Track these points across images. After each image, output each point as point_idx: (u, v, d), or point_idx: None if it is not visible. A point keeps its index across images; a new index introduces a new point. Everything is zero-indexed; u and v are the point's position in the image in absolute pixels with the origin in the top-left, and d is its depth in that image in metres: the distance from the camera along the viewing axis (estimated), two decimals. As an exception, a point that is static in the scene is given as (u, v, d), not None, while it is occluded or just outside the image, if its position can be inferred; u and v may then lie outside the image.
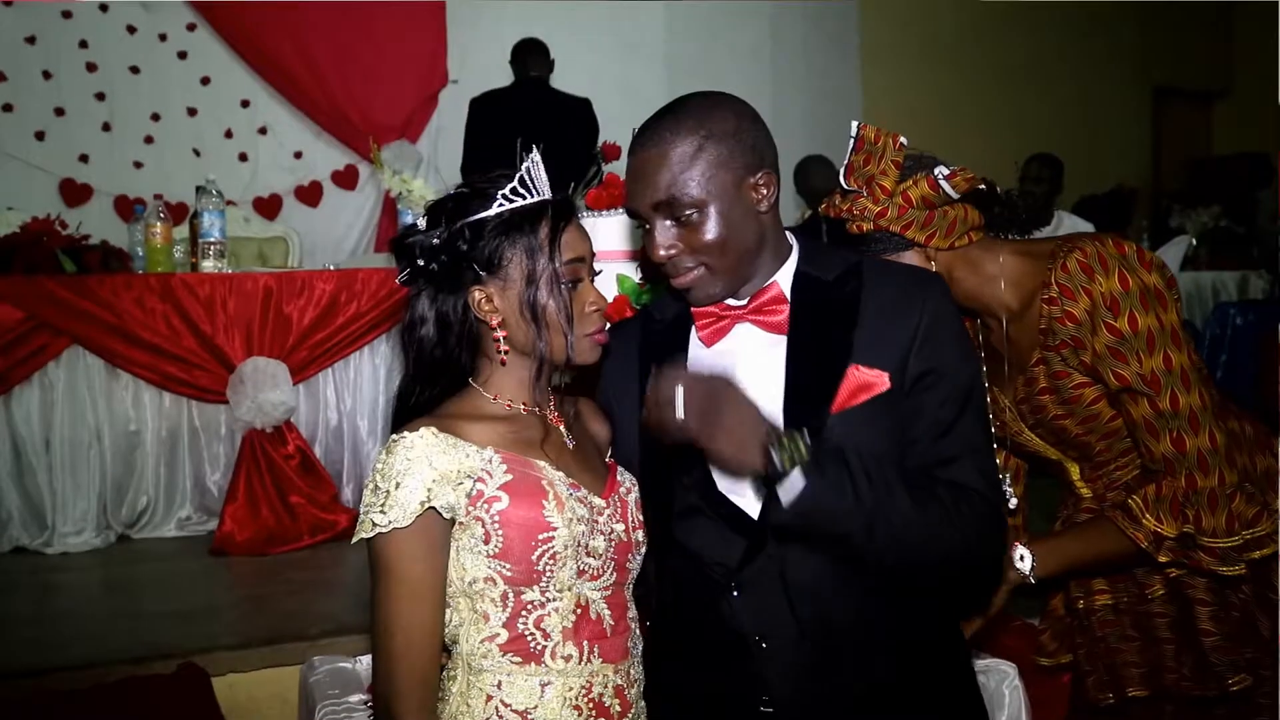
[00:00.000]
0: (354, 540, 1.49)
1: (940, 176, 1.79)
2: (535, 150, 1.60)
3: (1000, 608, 1.89)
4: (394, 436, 1.50)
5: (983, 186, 1.89)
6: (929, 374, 1.49)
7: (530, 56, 6.29)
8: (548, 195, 1.59)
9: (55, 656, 2.99)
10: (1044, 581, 1.88)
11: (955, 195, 1.81)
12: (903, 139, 1.82)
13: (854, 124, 1.83)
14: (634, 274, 2.48)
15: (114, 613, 3.46)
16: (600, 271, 1.65)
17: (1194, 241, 7.89)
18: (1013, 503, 2.08)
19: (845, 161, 1.84)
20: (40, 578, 3.90)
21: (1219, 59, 11.58)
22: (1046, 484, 2.22)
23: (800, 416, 1.49)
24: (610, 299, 2.52)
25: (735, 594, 1.53)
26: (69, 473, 4.23)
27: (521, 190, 1.56)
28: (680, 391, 1.38)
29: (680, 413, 1.37)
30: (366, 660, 2.81)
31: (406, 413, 1.59)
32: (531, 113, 5.77)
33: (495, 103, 6.09)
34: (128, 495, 4.36)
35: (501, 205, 1.55)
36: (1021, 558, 1.84)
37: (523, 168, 1.57)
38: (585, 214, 2.54)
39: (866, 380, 1.50)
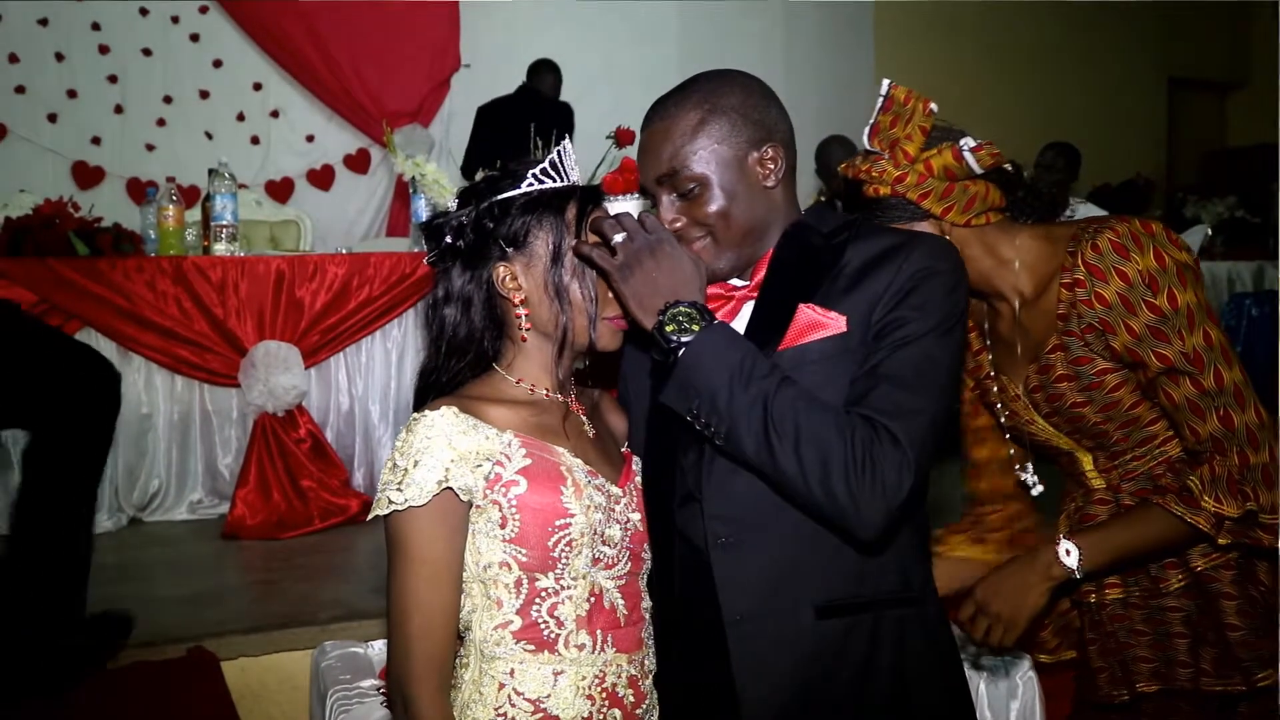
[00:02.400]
0: (370, 517, 1.49)
1: (966, 148, 1.76)
2: (567, 139, 1.62)
3: (1041, 605, 1.86)
4: (415, 415, 1.50)
5: (1009, 167, 1.86)
6: (887, 326, 1.45)
7: (535, 74, 6.92)
8: (577, 181, 1.59)
9: (66, 639, 2.99)
10: (1090, 575, 1.85)
11: (978, 170, 1.77)
12: (933, 105, 1.78)
13: (885, 82, 1.80)
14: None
15: (125, 596, 3.46)
16: None
17: (1209, 232, 7.85)
18: (1037, 489, 2.04)
19: (871, 121, 1.80)
20: (51, 560, 3.89)
21: (1235, 50, 11.53)
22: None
23: None
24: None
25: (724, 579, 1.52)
26: (81, 455, 4.22)
27: (551, 172, 1.57)
28: (623, 226, 1.48)
29: (615, 242, 1.48)
30: (378, 645, 2.82)
31: (428, 391, 1.60)
32: (520, 117, 6.27)
33: (493, 110, 6.65)
34: (139, 478, 4.37)
35: (531, 184, 1.56)
36: (1068, 552, 1.79)
37: (554, 151, 1.58)
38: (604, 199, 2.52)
39: (816, 320, 1.49)
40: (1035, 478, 2.04)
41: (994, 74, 9.92)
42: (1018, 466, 2.05)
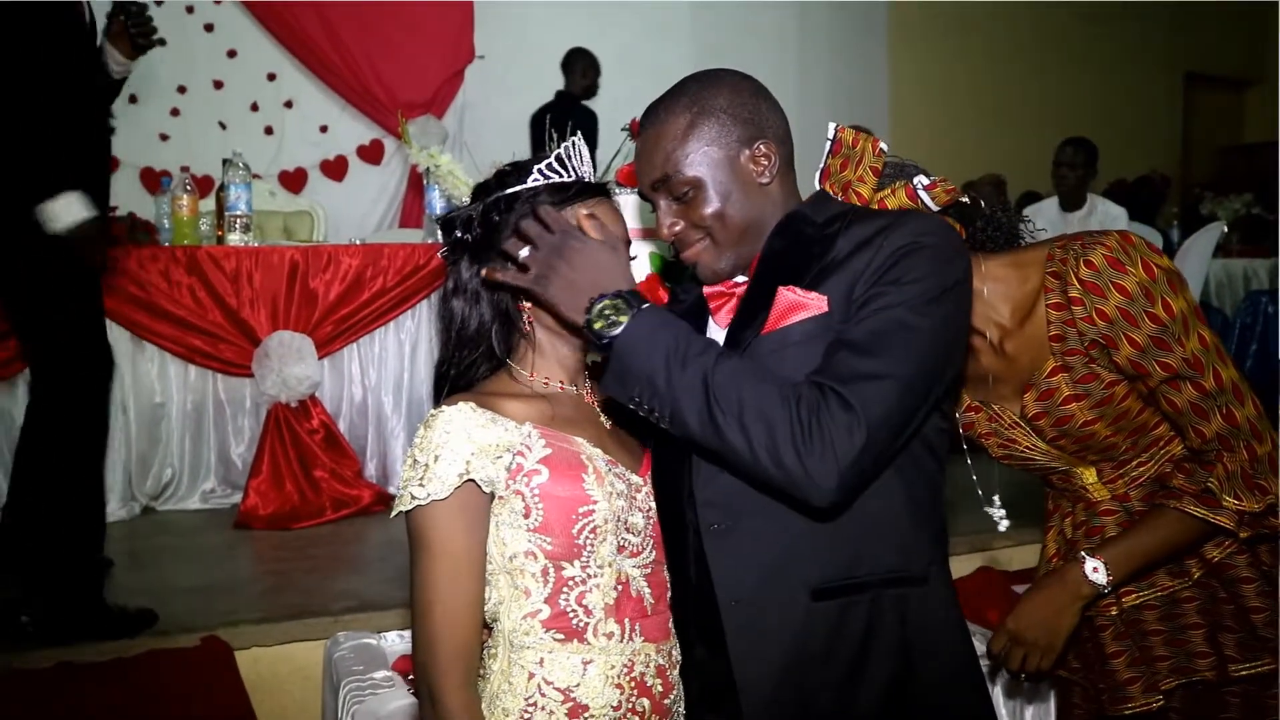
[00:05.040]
0: (393, 514, 1.49)
1: (919, 186, 1.74)
2: (579, 134, 1.62)
3: (1074, 625, 1.87)
4: (432, 411, 1.51)
5: (965, 200, 1.85)
6: (865, 302, 1.43)
7: (566, 70, 7.19)
8: (586, 176, 1.59)
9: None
10: (1116, 586, 1.86)
11: (935, 207, 1.74)
12: (883, 145, 1.75)
13: (831, 126, 1.77)
14: (668, 251, 2.47)
15: (137, 584, 3.47)
16: (635, 257, 1.64)
17: (1225, 229, 7.82)
18: (1003, 525, 2.00)
19: (821, 165, 1.77)
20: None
21: (1251, 46, 11.48)
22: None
23: (737, 339, 1.51)
24: (640, 277, 2.51)
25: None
26: (94, 444, 4.24)
27: (557, 167, 1.57)
28: (525, 238, 1.49)
29: (524, 255, 1.48)
30: (391, 636, 2.82)
31: (442, 382, 1.62)
32: (554, 123, 6.47)
33: (538, 118, 6.83)
34: (153, 467, 4.38)
35: (536, 180, 1.57)
36: (1096, 569, 1.82)
37: (560, 147, 1.58)
38: (618, 191, 2.52)
39: (797, 301, 1.48)
40: (1003, 512, 2.01)
41: (1008, 70, 9.90)
42: (985, 502, 2.03)
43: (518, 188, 1.57)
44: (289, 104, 7.26)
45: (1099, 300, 1.73)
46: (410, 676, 2.39)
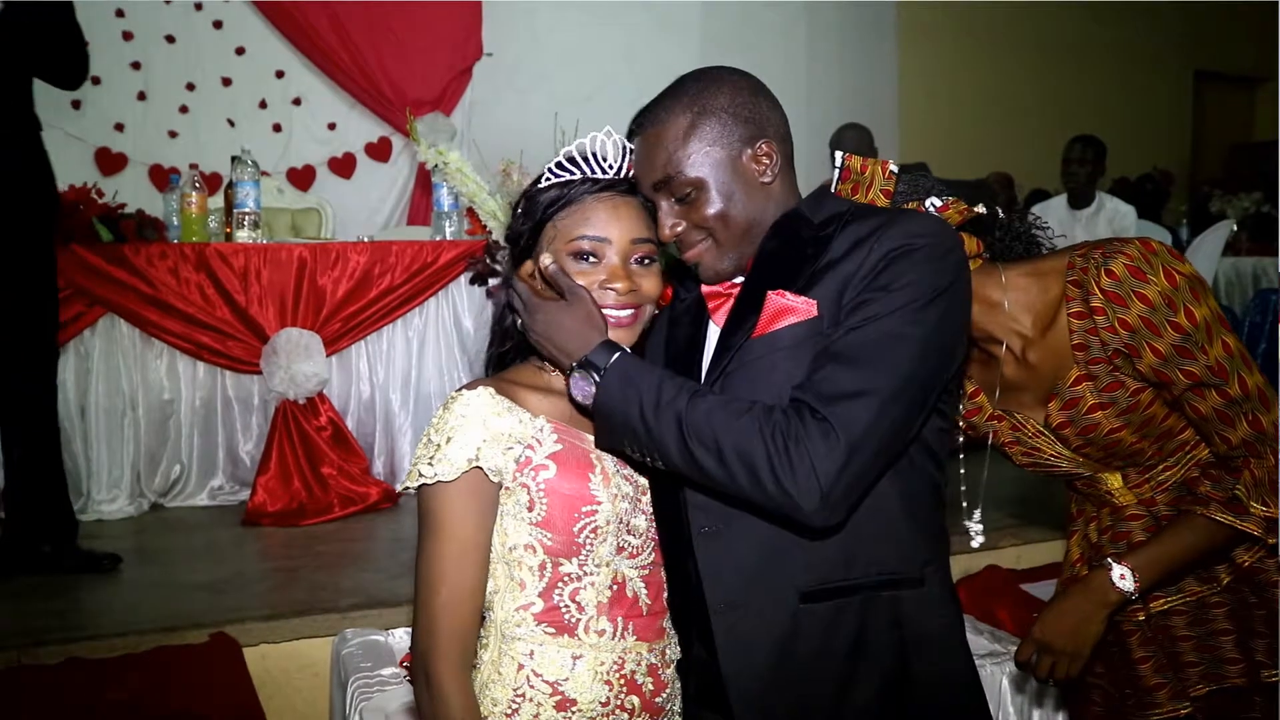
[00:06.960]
0: (399, 489, 1.57)
1: (933, 208, 1.74)
2: (609, 129, 1.60)
3: (1101, 632, 1.87)
4: (452, 394, 1.53)
5: (981, 211, 1.84)
6: (854, 308, 1.42)
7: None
8: (595, 174, 1.57)
9: (87, 624, 3.01)
10: (1143, 593, 1.86)
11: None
12: (892, 166, 1.73)
13: (839, 155, 1.76)
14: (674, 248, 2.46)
15: (146, 581, 3.48)
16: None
17: (1235, 227, 7.79)
18: (978, 540, 2.02)
19: (833, 191, 1.76)
20: (74, 544, 3.91)
21: (1261, 43, 11.43)
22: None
23: (728, 343, 1.52)
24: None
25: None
26: (104, 441, 4.27)
27: (568, 166, 1.57)
28: (513, 310, 1.59)
29: (521, 314, 1.57)
30: (399, 633, 2.83)
31: (487, 365, 1.68)
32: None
33: None
34: (161, 464, 4.40)
35: (547, 179, 1.58)
36: (1122, 576, 1.81)
37: (574, 145, 1.57)
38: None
39: (787, 305, 1.47)
40: (980, 527, 2.03)
41: (1017, 69, 9.88)
42: (965, 517, 2.03)
43: (536, 189, 1.58)
44: (297, 101, 7.25)
45: (1121, 309, 1.73)
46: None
